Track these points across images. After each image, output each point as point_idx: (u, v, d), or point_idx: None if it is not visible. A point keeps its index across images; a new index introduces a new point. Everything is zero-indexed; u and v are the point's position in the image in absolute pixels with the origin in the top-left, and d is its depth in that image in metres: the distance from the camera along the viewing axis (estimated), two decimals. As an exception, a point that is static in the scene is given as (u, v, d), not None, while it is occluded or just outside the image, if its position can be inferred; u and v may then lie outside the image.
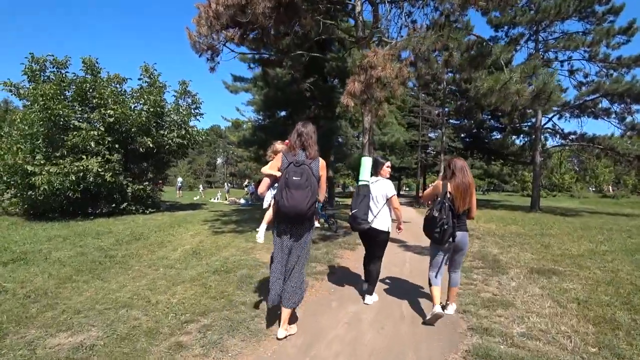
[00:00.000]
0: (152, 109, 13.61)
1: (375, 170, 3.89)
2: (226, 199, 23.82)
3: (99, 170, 11.40)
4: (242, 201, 21.20)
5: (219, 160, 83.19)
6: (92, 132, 11.75)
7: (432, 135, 33.23)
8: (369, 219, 3.67)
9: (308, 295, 4.15)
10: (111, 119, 12.38)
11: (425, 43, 6.10)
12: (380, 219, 3.73)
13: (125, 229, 9.08)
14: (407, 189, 49.99)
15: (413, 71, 7.10)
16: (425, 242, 4.26)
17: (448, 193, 3.24)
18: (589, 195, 38.65)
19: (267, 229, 3.36)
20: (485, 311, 3.60)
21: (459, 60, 6.47)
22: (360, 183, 3.79)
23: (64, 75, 12.55)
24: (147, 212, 13.21)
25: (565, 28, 16.66)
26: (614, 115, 15.76)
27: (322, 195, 3.25)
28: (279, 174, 2.95)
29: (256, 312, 3.55)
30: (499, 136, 25.25)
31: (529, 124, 21.29)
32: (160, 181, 29.12)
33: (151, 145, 13.35)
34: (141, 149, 13.28)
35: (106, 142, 12.23)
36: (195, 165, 65.91)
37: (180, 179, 29.77)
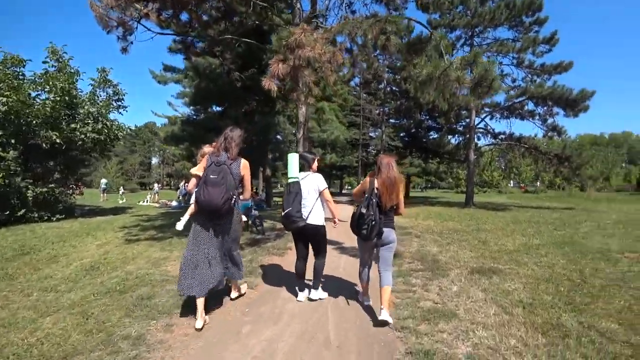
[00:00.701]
0: (59, 98, 11.71)
1: (306, 166, 3.78)
2: (156, 202, 21.82)
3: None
4: (174, 203, 19.50)
5: (154, 160, 77.75)
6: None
7: (372, 134, 33.78)
8: (304, 216, 3.58)
9: (216, 318, 3.35)
10: (4, 108, 10.37)
11: (361, 27, 5.56)
12: (314, 214, 3.66)
13: (15, 241, 7.48)
14: (349, 187, 50.47)
15: (348, 57, 6.54)
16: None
17: (375, 189, 3.26)
18: (514, 190, 42.07)
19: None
20: (426, 326, 3.07)
21: (398, 45, 6.05)
22: (289, 180, 3.69)
23: None
24: (54, 219, 11.22)
25: (497, 35, 17.50)
26: (537, 117, 16.92)
27: (247, 193, 3.57)
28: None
29: (138, 351, 2.67)
30: (436, 136, 26.23)
31: (464, 123, 22.23)
32: (77, 183, 26.06)
33: (58, 140, 11.45)
34: (45, 145, 11.32)
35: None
36: (127, 165, 60.60)
37: (104, 181, 26.65)
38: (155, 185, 27.11)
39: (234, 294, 3.80)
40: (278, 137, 17.12)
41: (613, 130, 78.12)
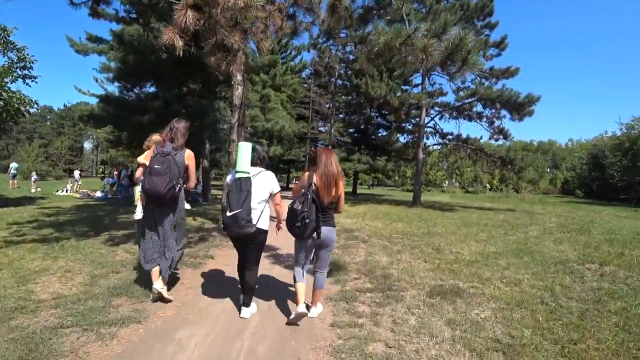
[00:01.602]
0: None
1: (258, 160, 3.28)
2: (77, 192, 19.04)
3: None
4: (98, 194, 17.10)
5: (87, 145, 70.42)
6: None
7: (322, 128, 32.93)
8: (254, 220, 3.10)
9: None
10: None
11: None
12: (264, 218, 3.22)
13: None
14: (296, 181, 49.49)
15: (291, 25, 5.37)
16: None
17: (313, 184, 3.08)
18: (456, 190, 43.80)
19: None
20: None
21: (350, 9, 5.02)
22: (238, 175, 3.12)
23: None
24: None
25: (449, 36, 17.32)
26: (485, 119, 17.01)
27: (192, 182, 3.70)
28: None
29: None
30: (385, 133, 26.05)
31: (413, 122, 22.11)
32: None
33: None
34: None
35: None
36: (52, 149, 53.99)
37: (14, 165, 22.79)
38: (76, 172, 23.72)
39: (159, 284, 3.48)
40: (218, 125, 15.43)
41: (540, 139, 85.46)
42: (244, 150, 3.13)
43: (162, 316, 3.29)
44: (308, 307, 3.28)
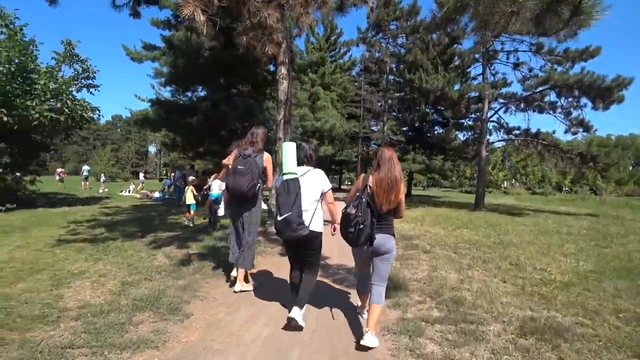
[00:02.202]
0: (5, 70, 9.98)
1: (305, 159, 3.16)
2: (138, 192, 20.14)
3: None
4: (156, 195, 17.83)
5: (152, 149, 75.74)
6: None
7: (374, 127, 31.76)
8: (306, 222, 2.94)
9: None
10: None
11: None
12: (316, 220, 3.05)
13: None
14: (349, 182, 48.48)
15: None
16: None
17: (368, 187, 2.81)
18: (521, 192, 39.99)
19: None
20: None
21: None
22: (285, 177, 2.97)
23: None
24: (3, 209, 9.82)
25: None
26: (559, 110, 14.88)
27: (270, 182, 4.06)
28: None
29: None
30: (441, 130, 24.39)
31: (474, 117, 20.35)
32: (61, 170, 24.31)
33: (4, 118, 9.73)
34: None
35: None
36: (121, 153, 58.85)
37: (86, 168, 24.80)
38: (141, 174, 25.40)
39: (238, 287, 3.78)
40: (267, 125, 15.26)
41: (620, 133, 75.68)
42: (289, 150, 3.01)
43: (183, 341, 2.77)
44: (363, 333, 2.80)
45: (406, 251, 5.93)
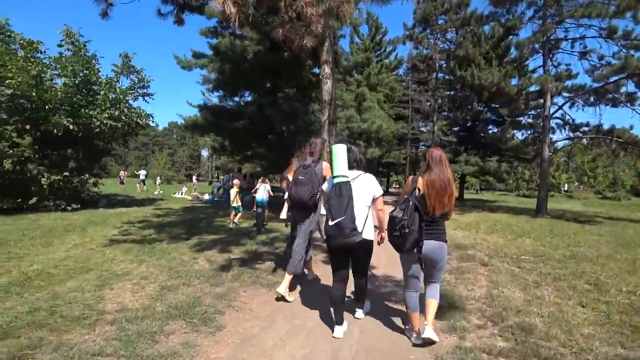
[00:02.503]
0: (71, 83, 11.05)
1: (355, 163, 3.04)
2: (190, 194, 21.07)
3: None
4: (206, 197, 18.47)
5: (204, 153, 79.54)
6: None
7: (423, 128, 30.51)
8: (359, 228, 2.79)
9: None
10: (9, 91, 9.64)
11: None
12: (368, 227, 2.91)
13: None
14: (397, 186, 47.15)
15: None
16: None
17: (417, 189, 2.68)
18: (589, 196, 36.21)
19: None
20: None
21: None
22: (336, 180, 2.84)
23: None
24: (69, 208, 10.64)
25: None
26: (639, 102, 13.04)
27: None
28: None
29: None
30: (496, 130, 22.79)
31: (533, 114, 18.71)
32: (123, 173, 26.21)
33: (71, 127, 10.59)
34: (57, 132, 10.56)
35: (12, 122, 9.92)
36: (176, 157, 62.50)
37: (143, 172, 26.53)
38: (194, 177, 26.69)
39: (281, 289, 3.68)
40: (312, 128, 15.16)
41: None
42: (339, 152, 2.87)
43: (212, 357, 2.58)
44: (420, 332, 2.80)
45: (461, 263, 5.35)
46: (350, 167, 2.98)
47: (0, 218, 8.52)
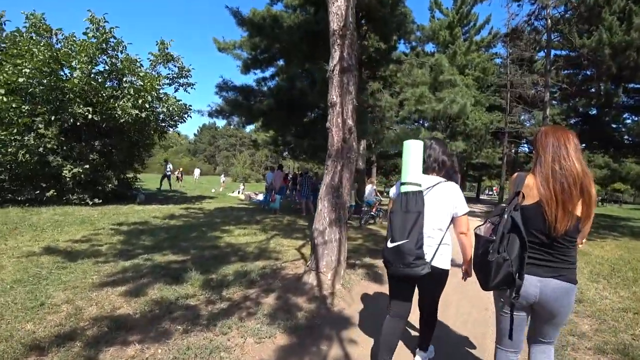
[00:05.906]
0: (89, 69, 10.13)
1: (435, 165, 2.22)
2: (242, 193, 19.83)
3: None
4: (260, 197, 16.70)
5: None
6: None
7: (527, 122, 24.35)
8: (427, 256, 2.04)
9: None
10: (22, 79, 9.16)
11: None
12: (442, 253, 2.12)
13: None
14: (490, 192, 40.07)
15: None
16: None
17: (520, 195, 1.64)
18: None
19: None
20: None
21: None
22: (404, 188, 2.07)
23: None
24: (91, 202, 10.20)
25: None
26: None
27: None
28: None
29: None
30: (636, 119, 16.73)
31: None
32: (179, 169, 26.57)
33: (91, 116, 9.91)
34: (77, 122, 10.06)
35: (37, 112, 9.59)
36: (256, 157, 64.51)
37: (197, 171, 28.11)
38: (222, 176, 27.94)
39: None
40: (376, 111, 12.17)
41: None
42: (412, 151, 2.08)
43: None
44: None
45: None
46: (425, 171, 2.16)
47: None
